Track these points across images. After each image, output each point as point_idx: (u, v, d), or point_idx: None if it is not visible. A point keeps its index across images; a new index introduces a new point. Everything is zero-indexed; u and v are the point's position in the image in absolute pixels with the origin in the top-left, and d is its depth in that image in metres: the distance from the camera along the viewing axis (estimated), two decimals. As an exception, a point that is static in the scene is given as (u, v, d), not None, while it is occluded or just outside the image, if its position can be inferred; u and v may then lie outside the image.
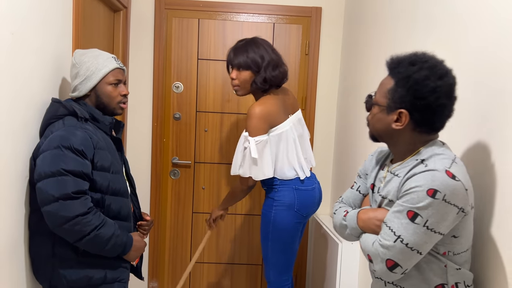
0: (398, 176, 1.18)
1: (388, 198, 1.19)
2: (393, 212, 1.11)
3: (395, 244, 1.08)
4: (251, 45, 2.03)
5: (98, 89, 1.58)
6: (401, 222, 1.08)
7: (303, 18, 2.78)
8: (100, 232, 1.41)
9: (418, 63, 1.12)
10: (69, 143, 1.39)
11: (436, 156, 1.12)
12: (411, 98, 1.12)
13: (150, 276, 2.90)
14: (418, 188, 1.06)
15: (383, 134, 1.22)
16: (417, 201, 1.06)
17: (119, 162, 1.63)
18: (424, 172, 1.08)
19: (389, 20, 2.01)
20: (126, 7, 2.59)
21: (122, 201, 1.57)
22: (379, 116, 1.20)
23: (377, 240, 1.13)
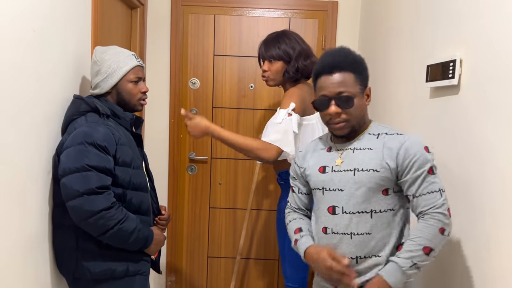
0: (360, 149, 1.38)
1: (358, 168, 1.35)
2: (419, 183, 1.30)
3: (443, 197, 1.29)
4: (282, 37, 2.03)
5: (119, 87, 1.61)
6: (433, 181, 1.29)
7: (319, 12, 2.76)
8: (123, 226, 1.44)
9: (346, 50, 1.41)
10: (93, 139, 1.42)
11: (391, 128, 1.41)
12: (366, 74, 1.41)
13: (168, 271, 2.93)
14: (418, 151, 1.30)
15: (360, 119, 1.39)
16: (425, 160, 1.30)
17: (139, 157, 1.65)
18: (412, 138, 1.33)
19: (406, 13, 1.98)
20: (143, 4, 2.61)
21: (142, 196, 1.60)
22: (360, 103, 1.37)
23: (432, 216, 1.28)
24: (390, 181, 1.34)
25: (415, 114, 1.83)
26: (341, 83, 1.35)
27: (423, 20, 1.79)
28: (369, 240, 1.35)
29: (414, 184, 1.30)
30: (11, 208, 1.26)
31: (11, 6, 1.22)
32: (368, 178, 1.34)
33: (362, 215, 1.35)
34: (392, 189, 1.36)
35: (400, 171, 1.33)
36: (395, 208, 1.37)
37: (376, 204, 1.35)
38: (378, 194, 1.35)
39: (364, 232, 1.35)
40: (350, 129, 1.38)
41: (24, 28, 1.29)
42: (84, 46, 1.80)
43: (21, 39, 1.28)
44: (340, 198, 1.38)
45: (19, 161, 1.30)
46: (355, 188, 1.35)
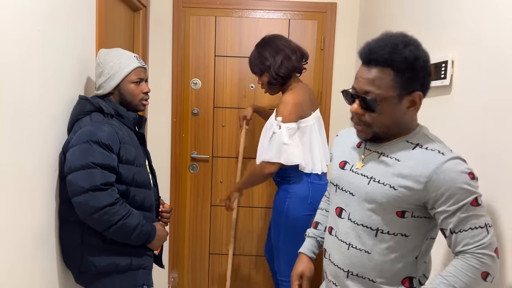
0: (387, 156, 1.16)
1: (375, 179, 1.16)
2: (464, 217, 1.05)
3: (490, 234, 1.05)
4: (258, 51, 2.18)
5: (121, 87, 1.66)
6: (478, 214, 1.05)
7: (318, 13, 2.81)
8: (126, 222, 1.49)
9: (411, 42, 1.10)
10: (97, 138, 1.47)
11: (436, 142, 1.14)
12: (422, 77, 1.10)
13: (171, 267, 2.99)
14: (458, 180, 1.05)
15: (392, 126, 1.15)
16: (468, 190, 1.05)
17: (142, 155, 1.70)
18: (452, 162, 1.07)
19: (403, 16, 2.03)
20: (145, 6, 2.67)
21: (145, 193, 1.65)
22: (390, 110, 1.11)
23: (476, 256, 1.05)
24: (409, 204, 1.12)
25: (410, 113, 1.88)
26: (372, 81, 1.10)
27: (417, 22, 1.84)
28: (367, 260, 1.18)
29: (451, 218, 1.06)
30: (20, 205, 1.31)
31: (17, 9, 1.27)
32: (381, 193, 1.14)
33: (366, 230, 1.18)
34: (411, 212, 1.13)
35: (431, 200, 1.09)
36: (409, 234, 1.15)
37: (385, 224, 1.15)
38: (390, 214, 1.14)
39: (363, 249, 1.18)
40: (371, 135, 1.17)
41: (30, 31, 1.35)
42: (88, 48, 1.85)
43: (28, 42, 1.33)
44: (349, 202, 1.23)
45: (27, 159, 1.35)
46: (366, 198, 1.17)
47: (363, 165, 1.21)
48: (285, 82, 2.15)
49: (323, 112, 2.85)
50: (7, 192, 1.24)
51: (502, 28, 1.21)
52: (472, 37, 1.37)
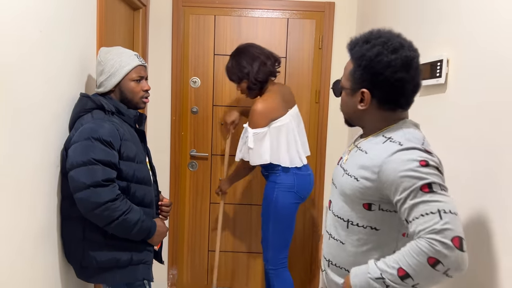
0: (361, 149, 1.20)
1: (347, 171, 1.21)
2: (413, 204, 1.02)
3: (445, 220, 0.98)
4: (235, 59, 2.32)
5: (122, 85, 1.68)
6: (430, 200, 1.00)
7: (317, 13, 2.84)
8: (127, 217, 1.51)
9: (371, 41, 1.13)
10: (98, 135, 1.50)
11: (407, 135, 1.12)
12: (369, 76, 1.12)
13: (170, 263, 3.02)
14: (404, 168, 1.04)
15: (352, 117, 1.25)
16: (416, 177, 1.02)
17: (142, 152, 1.72)
18: (401, 151, 1.06)
19: (399, 14, 2.06)
20: (145, 5, 2.69)
21: (146, 189, 1.67)
22: (346, 100, 1.22)
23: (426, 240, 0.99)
24: (373, 196, 1.13)
25: (406, 111, 1.91)
26: (344, 69, 1.23)
27: (414, 21, 1.87)
28: (342, 250, 1.23)
29: (403, 206, 1.05)
30: (21, 201, 1.34)
31: (20, 10, 1.30)
32: (349, 185, 1.18)
33: (339, 221, 1.24)
34: (377, 205, 1.14)
35: (386, 190, 1.09)
36: (379, 228, 1.16)
37: (354, 216, 1.19)
38: (358, 206, 1.17)
39: (339, 239, 1.25)
40: (345, 121, 1.30)
41: (33, 31, 1.37)
42: (89, 46, 1.88)
43: (30, 42, 1.36)
44: (334, 195, 1.30)
45: (29, 156, 1.38)
46: (340, 190, 1.24)
47: (348, 158, 1.26)
48: (263, 87, 2.33)
49: (321, 111, 2.88)
50: (9, 188, 1.26)
51: (497, 27, 1.24)
52: (467, 36, 1.40)
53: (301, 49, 2.86)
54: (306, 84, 2.89)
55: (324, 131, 2.91)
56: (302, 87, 2.89)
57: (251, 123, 2.24)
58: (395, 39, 1.14)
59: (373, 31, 1.17)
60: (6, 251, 1.25)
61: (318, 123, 2.91)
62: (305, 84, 2.89)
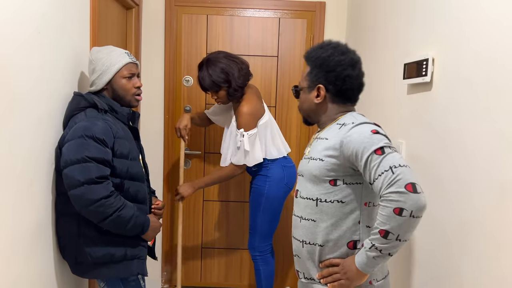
0: (321, 138, 1.40)
1: (312, 157, 1.40)
2: (371, 167, 1.23)
3: (396, 173, 1.18)
4: (212, 68, 2.28)
5: (113, 83, 1.70)
6: (382, 160, 1.21)
7: (308, 12, 2.88)
8: (121, 213, 1.54)
9: (324, 47, 1.42)
10: (92, 133, 1.52)
11: (357, 118, 1.37)
12: (324, 73, 1.39)
13: (164, 262, 3.04)
14: (362, 135, 1.27)
15: (310, 113, 1.47)
16: (370, 143, 1.24)
17: (136, 149, 1.75)
18: (356, 126, 1.31)
19: (388, 14, 2.10)
20: (138, 5, 2.71)
21: (139, 186, 1.70)
22: (304, 97, 1.46)
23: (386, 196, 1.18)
24: (337, 172, 1.33)
25: (394, 109, 1.96)
26: (302, 73, 1.49)
27: (402, 21, 1.92)
28: (314, 227, 1.39)
29: (366, 171, 1.25)
30: (17, 198, 1.36)
31: (13, 9, 1.32)
32: (315, 167, 1.37)
33: (309, 202, 1.40)
34: (341, 180, 1.34)
35: (350, 161, 1.30)
36: (345, 200, 1.35)
37: (322, 194, 1.37)
38: (325, 183, 1.36)
39: (309, 218, 1.40)
40: (304, 119, 1.53)
41: (27, 30, 1.39)
42: (83, 45, 1.90)
43: (25, 41, 1.38)
44: (300, 183, 1.47)
45: (25, 154, 1.40)
46: (308, 175, 1.40)
47: (310, 150, 1.45)
48: (243, 92, 2.36)
49: (313, 109, 2.93)
50: (4, 185, 1.29)
51: (481, 27, 1.28)
52: (452, 36, 1.44)
53: (292, 48, 2.90)
54: (298, 83, 2.93)
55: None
56: (294, 85, 2.93)
57: (244, 126, 2.29)
58: (343, 45, 1.43)
59: (324, 41, 1.46)
60: (1, 247, 1.28)
61: (310, 121, 2.95)
62: (297, 83, 2.93)
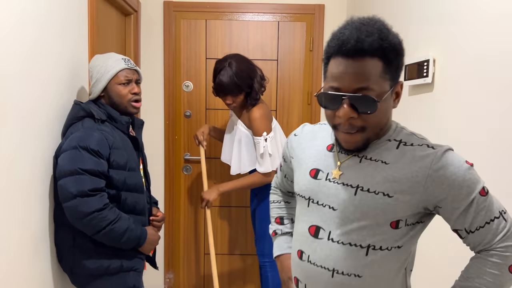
0: (371, 159, 0.99)
1: (364, 188, 0.98)
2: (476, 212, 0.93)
3: (509, 220, 0.95)
4: (236, 72, 2.16)
5: (109, 90, 1.67)
6: (489, 205, 0.93)
7: (307, 15, 2.87)
8: (115, 227, 1.51)
9: (389, 28, 0.97)
10: (86, 144, 1.49)
11: (420, 136, 1.02)
12: (402, 62, 0.97)
13: (166, 268, 3.02)
14: (460, 169, 0.92)
15: (384, 126, 0.99)
16: (473, 181, 0.92)
17: (135, 160, 1.71)
18: (447, 154, 0.94)
19: (388, 16, 2.09)
20: (136, 11, 2.71)
21: (137, 197, 1.67)
22: (386, 106, 0.95)
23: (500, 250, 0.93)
24: (406, 211, 0.96)
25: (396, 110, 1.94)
26: (364, 76, 0.90)
27: (402, 22, 1.90)
28: (358, 285, 0.99)
29: (464, 216, 0.94)
30: (16, 207, 1.35)
31: (11, 18, 1.31)
32: (374, 204, 0.96)
33: (354, 250, 0.98)
34: (405, 221, 0.98)
35: (433, 200, 0.95)
36: (403, 245, 1.00)
37: (378, 239, 0.98)
38: (384, 226, 0.97)
39: (352, 273, 0.99)
40: (364, 142, 0.97)
41: (25, 39, 1.38)
42: (81, 53, 1.89)
43: (25, 49, 1.37)
44: (329, 219, 1.02)
45: (24, 162, 1.39)
46: (354, 212, 0.98)
47: (341, 173, 1.01)
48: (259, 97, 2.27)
49: (313, 113, 2.90)
50: (4, 194, 1.27)
51: (481, 28, 1.27)
52: (452, 37, 1.43)
53: (292, 52, 2.89)
54: (298, 86, 2.92)
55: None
56: (294, 89, 2.92)
57: (266, 129, 2.22)
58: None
59: (371, 18, 0.98)
60: (1, 257, 1.26)
61: (311, 124, 2.93)
62: (297, 86, 2.92)
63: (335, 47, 0.93)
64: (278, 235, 1.30)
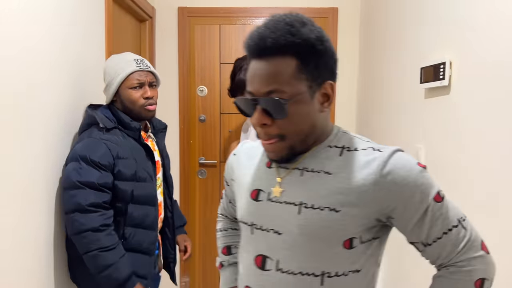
0: (311, 171, 0.86)
1: (308, 205, 0.84)
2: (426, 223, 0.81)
3: (468, 228, 0.83)
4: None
5: (120, 94, 1.56)
6: (445, 211, 0.82)
7: (320, 19, 2.87)
8: (101, 255, 1.38)
9: (306, 21, 0.83)
10: (86, 155, 1.42)
11: (365, 139, 0.90)
12: (331, 61, 0.85)
13: (182, 271, 3.04)
14: (411, 172, 0.80)
15: (309, 132, 0.86)
16: (426, 185, 0.81)
17: (148, 169, 1.58)
18: (395, 156, 0.82)
19: (402, 18, 2.08)
20: (151, 17, 2.74)
21: (147, 210, 1.55)
22: (304, 110, 0.82)
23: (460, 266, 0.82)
24: (358, 227, 0.83)
25: (412, 114, 1.93)
26: (272, 76, 0.80)
27: (417, 25, 1.89)
28: None
29: (420, 228, 0.82)
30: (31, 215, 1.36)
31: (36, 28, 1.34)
32: (320, 221, 0.82)
33: (307, 280, 0.84)
34: (359, 238, 0.84)
35: (385, 210, 0.82)
36: (362, 267, 0.86)
37: (332, 263, 0.84)
38: (336, 247, 0.83)
39: None
40: (287, 151, 0.85)
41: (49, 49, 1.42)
42: (98, 58, 1.92)
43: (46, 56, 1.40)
44: (275, 246, 0.87)
45: (45, 169, 1.41)
46: (300, 234, 0.84)
47: (283, 190, 0.88)
48: None
49: (328, 115, 2.90)
50: (18, 200, 1.30)
51: (498, 30, 1.25)
52: (469, 39, 1.42)
53: (306, 55, 2.89)
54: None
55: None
56: (308, 92, 2.92)
57: None
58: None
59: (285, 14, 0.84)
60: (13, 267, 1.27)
61: (325, 127, 2.93)
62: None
63: (246, 48, 0.86)
64: (224, 267, 1.14)
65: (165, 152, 1.76)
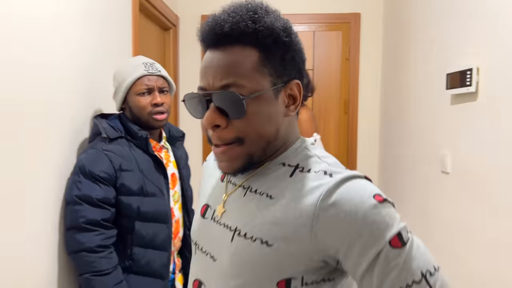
0: (256, 192, 0.71)
1: (241, 232, 0.69)
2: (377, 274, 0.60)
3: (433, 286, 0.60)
4: None
5: (128, 101, 1.43)
6: (406, 261, 0.60)
7: (342, 24, 2.86)
8: (94, 280, 1.25)
9: (270, 10, 0.71)
10: (85, 168, 1.30)
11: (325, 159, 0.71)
12: (298, 56, 0.72)
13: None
14: (360, 206, 0.61)
15: (272, 139, 0.70)
16: (379, 225, 0.60)
17: (158, 182, 1.42)
18: (345, 185, 0.63)
19: (426, 24, 2.05)
20: (175, 25, 2.79)
21: (157, 227, 1.39)
22: (266, 110, 0.67)
23: None
24: (296, 267, 0.65)
25: (438, 120, 1.90)
26: (229, 68, 0.66)
27: (442, 30, 1.87)
28: None
29: (370, 278, 0.61)
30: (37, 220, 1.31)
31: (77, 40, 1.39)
32: (250, 254, 0.67)
33: None
34: (300, 279, 0.65)
35: (328, 251, 0.63)
36: None
37: None
38: (269, 286, 0.66)
39: None
40: (244, 161, 0.69)
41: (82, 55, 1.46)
42: (125, 68, 1.97)
43: (77, 69, 1.45)
44: (209, 272, 0.74)
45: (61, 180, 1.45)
46: (230, 264, 0.70)
47: (224, 210, 0.75)
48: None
49: (351, 121, 2.88)
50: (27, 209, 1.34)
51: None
52: (496, 45, 1.39)
53: (328, 61, 2.89)
54: (334, 95, 2.91)
55: (354, 142, 2.90)
56: (331, 98, 2.91)
57: (314, 130, 2.15)
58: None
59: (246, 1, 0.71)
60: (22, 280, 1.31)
61: (348, 134, 2.91)
62: (333, 96, 2.91)
63: (200, 37, 0.71)
64: None
65: (183, 162, 1.60)
